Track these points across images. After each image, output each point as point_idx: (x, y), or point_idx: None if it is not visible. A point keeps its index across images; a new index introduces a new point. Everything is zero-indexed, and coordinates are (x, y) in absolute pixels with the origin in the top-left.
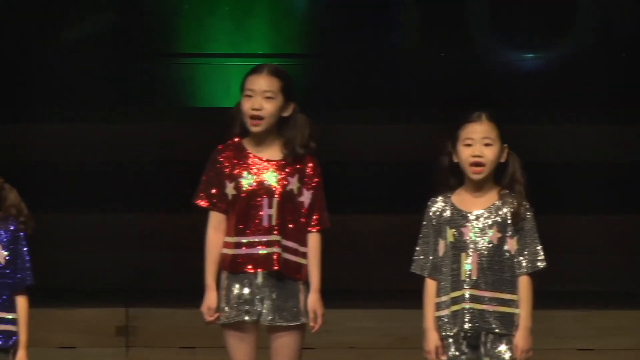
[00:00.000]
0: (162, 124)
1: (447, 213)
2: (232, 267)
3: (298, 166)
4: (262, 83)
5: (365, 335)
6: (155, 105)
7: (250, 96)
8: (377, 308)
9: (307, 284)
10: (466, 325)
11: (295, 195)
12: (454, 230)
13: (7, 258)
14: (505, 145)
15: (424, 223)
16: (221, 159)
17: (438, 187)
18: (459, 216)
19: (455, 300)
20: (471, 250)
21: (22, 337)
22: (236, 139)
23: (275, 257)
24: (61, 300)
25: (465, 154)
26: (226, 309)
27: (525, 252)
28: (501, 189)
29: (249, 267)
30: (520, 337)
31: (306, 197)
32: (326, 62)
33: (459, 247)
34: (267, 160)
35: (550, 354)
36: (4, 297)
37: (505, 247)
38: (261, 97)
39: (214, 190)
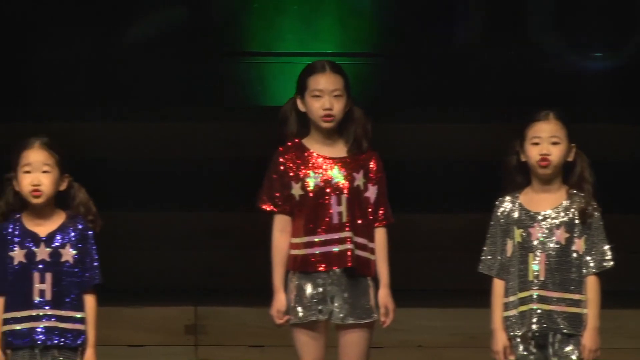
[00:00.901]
0: (232, 122)
1: (515, 213)
2: (304, 267)
3: (361, 162)
4: (330, 82)
5: (433, 334)
6: (225, 103)
7: (319, 96)
8: (445, 307)
9: (375, 280)
10: (534, 326)
11: (361, 190)
12: (521, 230)
13: (75, 257)
14: (573, 144)
15: (492, 223)
16: (284, 161)
17: (506, 187)
18: (527, 216)
19: (523, 301)
20: (539, 250)
21: (91, 336)
22: (296, 140)
23: (349, 253)
24: (130, 299)
25: (532, 153)
26: (298, 309)
27: (593, 252)
28: (569, 189)
29: (322, 265)
30: (588, 337)
31: (372, 192)
32: (394, 60)
33: (527, 247)
34: (331, 158)
35: (619, 353)
36: (72, 296)
37: (573, 247)
38: (330, 97)
39: (277, 193)
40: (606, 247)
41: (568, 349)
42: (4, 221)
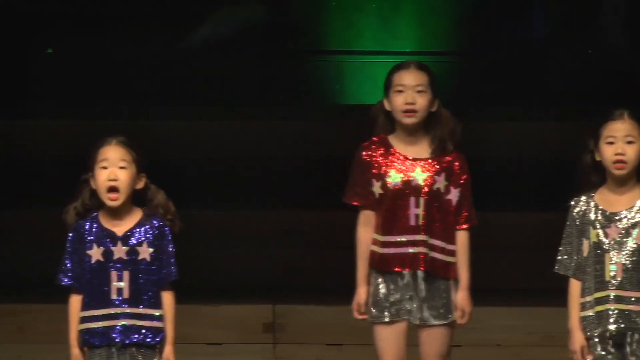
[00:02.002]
0: (310, 121)
1: (591, 213)
2: (380, 265)
3: (445, 164)
4: (413, 77)
5: (512, 333)
6: (303, 102)
7: (401, 91)
8: (524, 306)
9: (456, 281)
10: (611, 326)
11: (442, 193)
12: (597, 230)
13: (152, 254)
14: None
15: (568, 223)
16: (366, 157)
17: (581, 186)
18: (603, 216)
19: (600, 301)
20: (615, 250)
21: (169, 333)
22: (382, 135)
23: (421, 257)
24: (209, 297)
25: (607, 153)
26: (372, 308)
27: None
28: None
29: (397, 266)
30: None
31: (454, 195)
32: (472, 58)
33: (603, 247)
34: (414, 159)
35: None
36: (149, 293)
37: None
38: (413, 92)
39: (361, 188)
40: None
41: None
42: (80, 220)
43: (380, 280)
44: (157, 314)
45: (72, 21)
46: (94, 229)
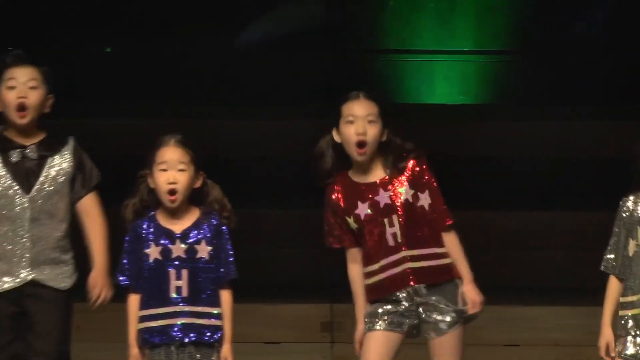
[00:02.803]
0: None
1: (639, 212)
2: (375, 294)
3: (405, 175)
4: (363, 108)
5: (570, 332)
6: None
7: (352, 122)
8: (582, 305)
9: (461, 279)
10: None
11: (412, 202)
12: None
13: (210, 253)
14: None
15: (616, 222)
16: (334, 200)
17: (633, 186)
18: None
19: None
20: None
21: (227, 331)
22: (341, 173)
23: (408, 271)
24: (267, 296)
25: None
26: (366, 319)
27: None
28: None
29: (392, 290)
30: None
31: (424, 200)
32: (530, 57)
33: None
34: (375, 182)
35: None
36: (208, 292)
37: None
38: (365, 122)
39: (338, 231)
40: None
41: None
42: (138, 218)
43: (381, 304)
44: (215, 312)
45: (130, 21)
46: (151, 228)
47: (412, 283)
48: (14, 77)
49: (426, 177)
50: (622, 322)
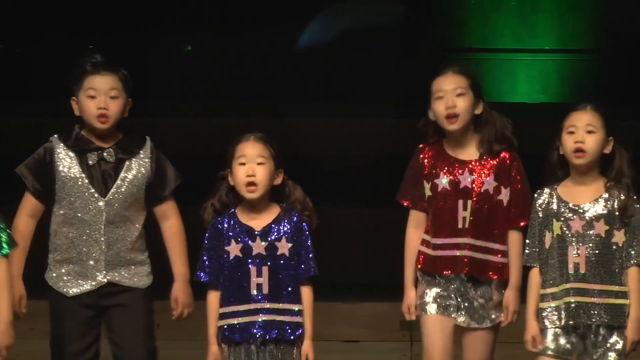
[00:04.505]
0: None
1: (554, 206)
2: (429, 267)
3: (495, 164)
4: (450, 82)
5: None
6: None
7: (441, 97)
8: None
9: (504, 282)
10: (574, 318)
11: (492, 194)
12: (561, 222)
13: (291, 250)
14: (611, 137)
15: (532, 215)
16: (420, 160)
17: (545, 180)
18: (566, 209)
19: (563, 293)
20: (579, 243)
21: (308, 327)
22: (438, 139)
23: (465, 260)
24: (346, 294)
25: (568, 143)
26: (419, 301)
27: (634, 243)
28: (607, 182)
29: (444, 269)
30: (631, 328)
31: (504, 195)
32: (611, 56)
33: (566, 239)
34: (464, 161)
35: None
36: (289, 288)
37: (613, 240)
38: (453, 95)
39: (413, 190)
40: None
41: (611, 340)
42: (218, 216)
43: (428, 282)
44: (296, 309)
45: (209, 21)
46: (232, 225)
47: (465, 271)
48: (94, 86)
49: (513, 174)
50: (543, 314)
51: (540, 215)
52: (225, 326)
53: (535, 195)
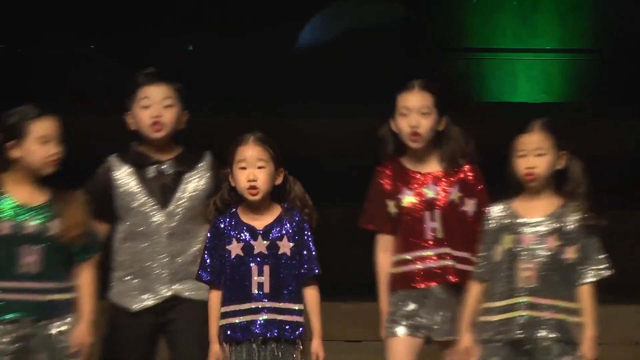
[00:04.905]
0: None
1: (506, 219)
2: (402, 284)
3: (458, 176)
4: (416, 100)
5: None
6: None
7: (405, 115)
8: None
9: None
10: (522, 333)
11: (457, 205)
12: (512, 237)
13: (292, 249)
14: (564, 151)
15: (485, 229)
16: (380, 181)
17: (505, 193)
18: (518, 223)
19: (511, 307)
20: (529, 257)
21: (316, 327)
22: (395, 158)
23: (450, 269)
24: (347, 294)
25: (519, 167)
26: (387, 323)
27: (589, 261)
28: (562, 196)
29: (421, 282)
30: (587, 347)
31: (469, 206)
32: (611, 55)
33: (517, 253)
34: (427, 174)
35: None
36: (290, 288)
37: (564, 256)
38: (417, 115)
39: (377, 212)
40: (602, 256)
41: (563, 358)
42: (220, 216)
43: (403, 298)
44: (296, 308)
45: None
46: (233, 224)
47: (453, 279)
48: (147, 96)
49: (479, 187)
50: (487, 327)
51: (493, 229)
52: (227, 325)
53: (489, 209)
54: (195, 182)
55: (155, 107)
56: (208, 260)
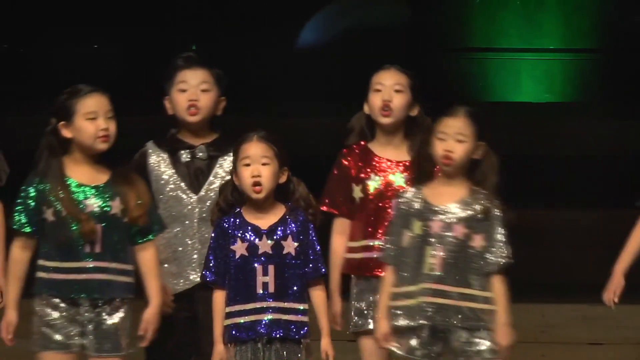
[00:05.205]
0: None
1: (416, 205)
2: (361, 270)
3: None
4: (391, 77)
5: None
6: (446, 99)
7: (379, 90)
8: None
9: None
10: (428, 319)
11: None
12: (421, 223)
13: (297, 249)
14: (482, 142)
15: (393, 213)
16: (346, 163)
17: (414, 178)
18: (428, 209)
19: (418, 293)
20: (437, 244)
21: (325, 325)
22: (362, 142)
23: None
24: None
25: (437, 148)
26: (355, 317)
27: (494, 249)
28: (472, 185)
29: (379, 270)
30: (501, 334)
31: None
32: (615, 55)
33: (425, 240)
34: (395, 162)
35: None
36: (295, 288)
37: (472, 243)
38: (391, 90)
39: (340, 196)
40: (506, 245)
41: (476, 346)
42: (223, 216)
43: (360, 287)
44: (301, 307)
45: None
46: (237, 224)
47: None
48: (185, 80)
49: None
50: (398, 312)
51: (402, 214)
52: (233, 325)
53: (399, 194)
54: (228, 167)
55: (192, 90)
56: (212, 261)
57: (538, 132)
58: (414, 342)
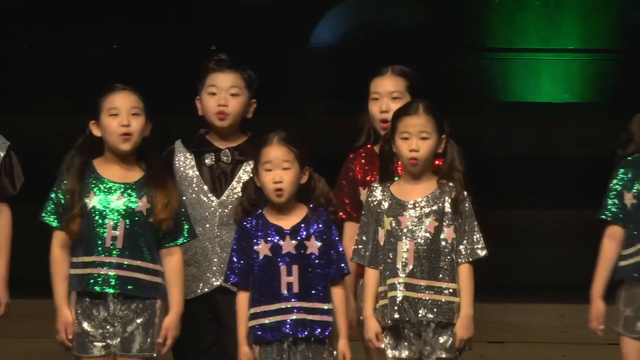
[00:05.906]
0: (474, 118)
1: (386, 202)
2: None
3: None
4: (387, 84)
5: None
6: (466, 99)
7: (376, 99)
8: None
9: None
10: (400, 314)
11: None
12: (391, 219)
13: (320, 249)
14: (444, 135)
15: (363, 212)
16: (351, 169)
17: (381, 175)
18: (397, 205)
19: (391, 288)
20: (408, 239)
21: (343, 326)
22: (368, 146)
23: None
24: None
25: (402, 148)
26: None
27: (465, 241)
28: (440, 178)
29: None
30: (460, 325)
31: None
32: (635, 55)
33: (396, 235)
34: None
35: None
36: (319, 287)
37: (442, 236)
38: (388, 99)
39: (346, 199)
40: (478, 236)
41: (443, 339)
42: (246, 217)
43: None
44: (326, 307)
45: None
46: (260, 225)
47: None
48: (215, 83)
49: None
50: (384, 311)
51: (373, 212)
52: (257, 326)
53: (368, 192)
54: (250, 172)
55: (221, 94)
56: (236, 262)
57: (557, 132)
58: (392, 339)
